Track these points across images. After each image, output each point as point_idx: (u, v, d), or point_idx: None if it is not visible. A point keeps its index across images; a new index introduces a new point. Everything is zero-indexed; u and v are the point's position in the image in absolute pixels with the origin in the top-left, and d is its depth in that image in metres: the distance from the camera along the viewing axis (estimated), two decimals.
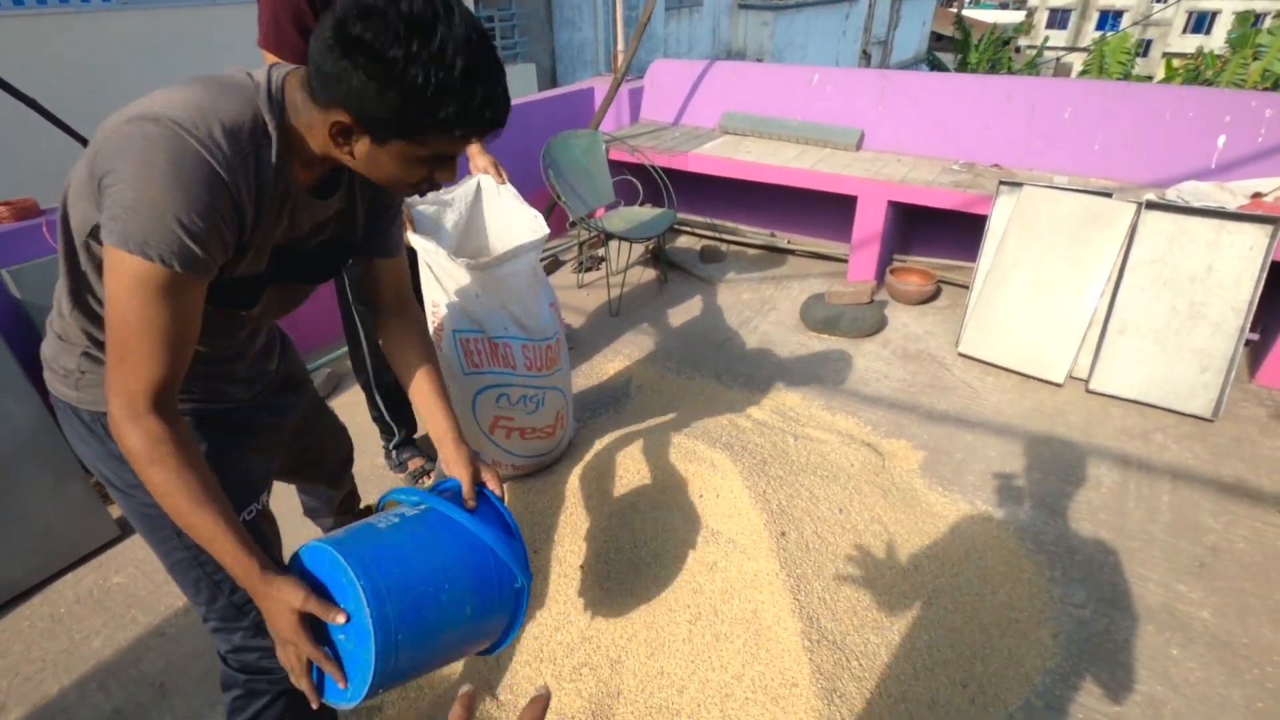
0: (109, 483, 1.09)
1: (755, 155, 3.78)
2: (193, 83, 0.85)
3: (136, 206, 0.77)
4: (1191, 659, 1.71)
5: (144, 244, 0.78)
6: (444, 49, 0.77)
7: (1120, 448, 2.45)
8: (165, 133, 0.79)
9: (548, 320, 1.98)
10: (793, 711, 1.49)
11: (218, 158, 0.81)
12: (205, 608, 1.13)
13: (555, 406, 2.10)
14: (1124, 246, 2.69)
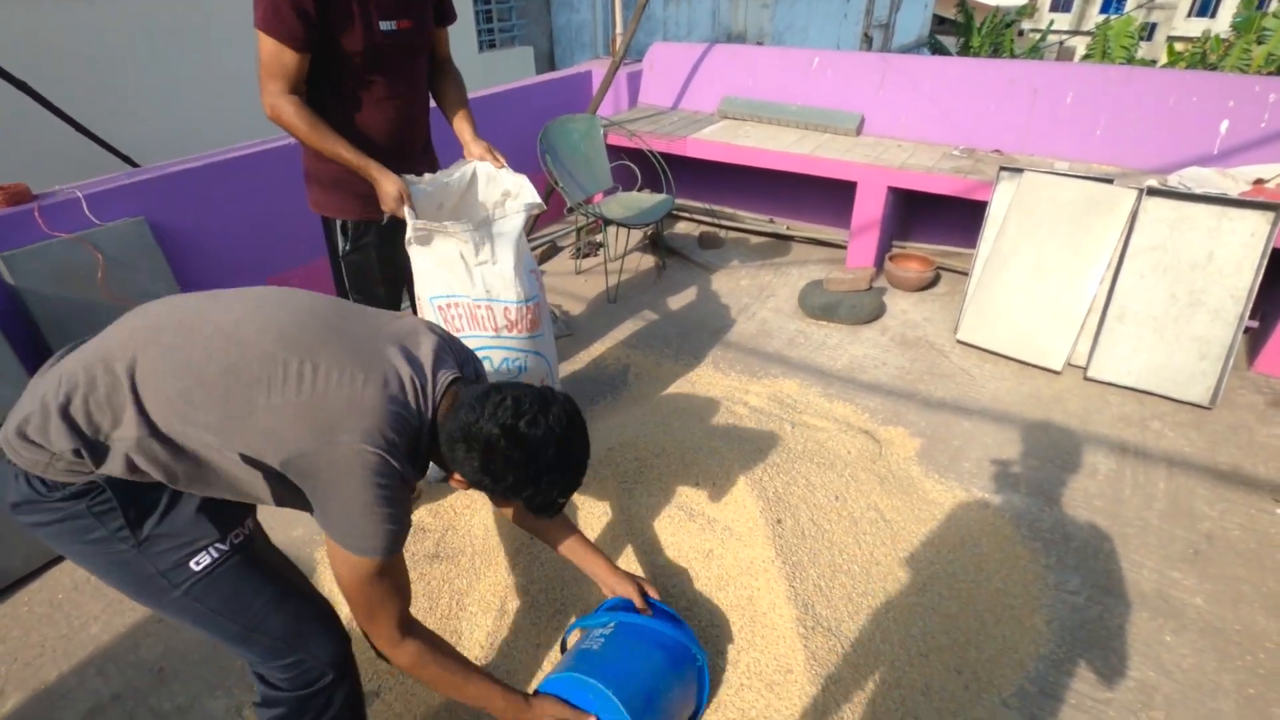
0: (64, 546, 1.04)
1: (754, 140, 3.75)
2: (385, 393, 1.04)
3: (365, 529, 1.01)
4: (1184, 645, 1.72)
5: (373, 549, 1.02)
6: (553, 485, 1.11)
7: (1117, 435, 2.45)
8: (381, 465, 1.00)
9: (528, 282, 1.98)
10: (787, 697, 1.49)
11: (410, 477, 1.06)
12: (224, 636, 1.13)
13: (539, 373, 2.09)
14: (1125, 233, 2.68)
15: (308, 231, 3.08)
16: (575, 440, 1.12)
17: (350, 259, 2.00)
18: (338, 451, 0.98)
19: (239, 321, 1.04)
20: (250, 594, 1.12)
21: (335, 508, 1.01)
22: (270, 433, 0.98)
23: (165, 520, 1.04)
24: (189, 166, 2.62)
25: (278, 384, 0.99)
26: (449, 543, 1.99)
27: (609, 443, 2.19)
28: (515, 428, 1.03)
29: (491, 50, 8.42)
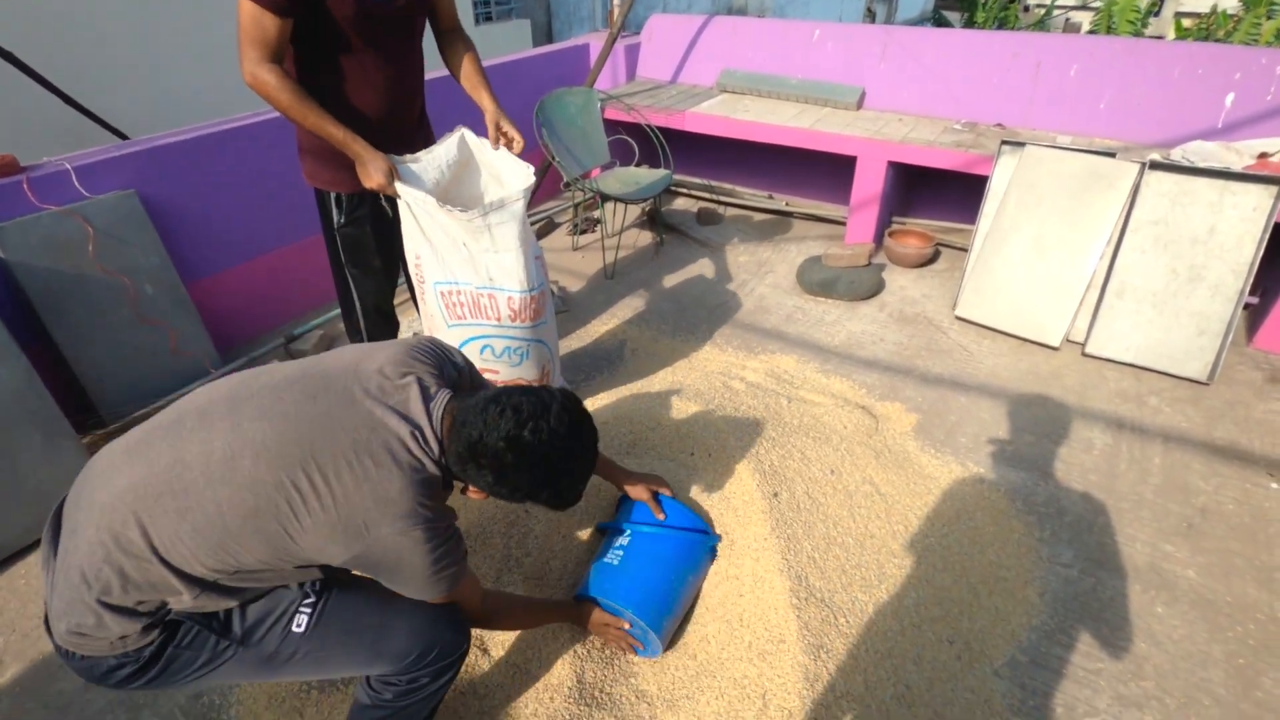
0: (180, 684, 1.11)
1: (754, 114, 3.70)
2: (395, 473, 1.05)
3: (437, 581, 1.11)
4: (1175, 616, 1.73)
5: (449, 588, 1.15)
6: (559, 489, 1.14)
7: (1114, 411, 2.45)
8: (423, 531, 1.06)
9: (533, 271, 1.95)
10: (779, 667, 1.51)
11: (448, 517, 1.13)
12: (356, 663, 1.20)
13: (540, 360, 2.08)
14: (1126, 208, 2.65)
15: (303, 205, 3.05)
16: (582, 435, 1.14)
17: (345, 232, 1.98)
18: (386, 543, 1.04)
19: (228, 459, 1.01)
20: (360, 617, 1.19)
21: (406, 580, 1.10)
22: (319, 550, 1.04)
23: (248, 611, 1.11)
24: (180, 139, 2.58)
25: (300, 509, 1.01)
26: None
27: (604, 417, 2.19)
28: (519, 438, 1.05)
29: (488, 23, 8.29)
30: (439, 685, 1.25)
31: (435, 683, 1.24)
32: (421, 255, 1.88)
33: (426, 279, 1.90)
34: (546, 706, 1.50)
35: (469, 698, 1.55)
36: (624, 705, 1.51)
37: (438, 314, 1.94)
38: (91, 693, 1.61)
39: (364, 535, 1.02)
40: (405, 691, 1.23)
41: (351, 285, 2.08)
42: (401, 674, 1.21)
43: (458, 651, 1.26)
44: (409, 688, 1.23)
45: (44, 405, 1.97)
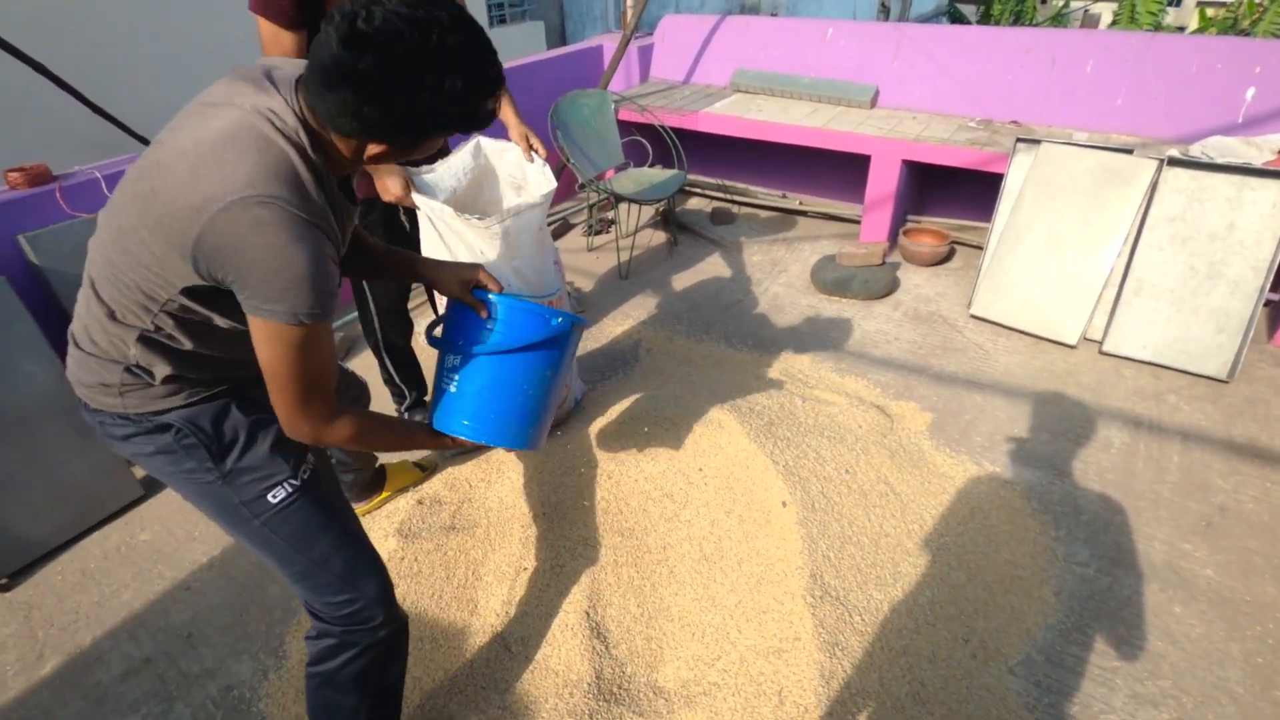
0: (165, 475, 1.14)
1: (767, 114, 3.71)
2: (239, 140, 0.91)
3: (285, 287, 0.92)
4: (1193, 615, 1.72)
5: (298, 315, 0.94)
6: (443, 80, 0.90)
7: (1131, 409, 2.44)
8: (275, 214, 0.89)
9: (551, 276, 1.98)
10: (795, 664, 1.53)
11: (317, 217, 0.94)
12: (290, 569, 1.20)
13: None
14: (1143, 204, 2.64)
15: None
16: (437, 13, 0.88)
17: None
18: (224, 219, 0.88)
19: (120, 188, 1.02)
20: (317, 532, 1.19)
21: (249, 276, 0.91)
22: (164, 256, 0.93)
23: (245, 456, 1.13)
24: None
25: (161, 184, 0.93)
26: (465, 515, 2.04)
27: (619, 417, 2.22)
28: (354, 33, 0.85)
29: (502, 25, 8.34)
30: (341, 662, 1.24)
31: (338, 657, 1.24)
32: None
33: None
34: (566, 702, 1.53)
35: (490, 693, 1.58)
36: (642, 701, 1.53)
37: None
38: (127, 684, 1.67)
39: (201, 215, 0.89)
40: (316, 657, 1.25)
41: (365, 288, 2.12)
42: (318, 615, 1.24)
43: (369, 624, 1.23)
44: (319, 649, 1.25)
45: (77, 406, 2.03)
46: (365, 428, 1.14)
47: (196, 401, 1.11)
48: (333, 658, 1.25)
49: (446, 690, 1.59)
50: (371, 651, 1.26)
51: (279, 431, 1.15)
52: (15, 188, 2.23)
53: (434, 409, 1.30)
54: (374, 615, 1.23)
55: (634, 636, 1.66)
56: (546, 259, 1.98)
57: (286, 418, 1.03)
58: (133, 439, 1.11)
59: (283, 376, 0.99)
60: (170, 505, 2.20)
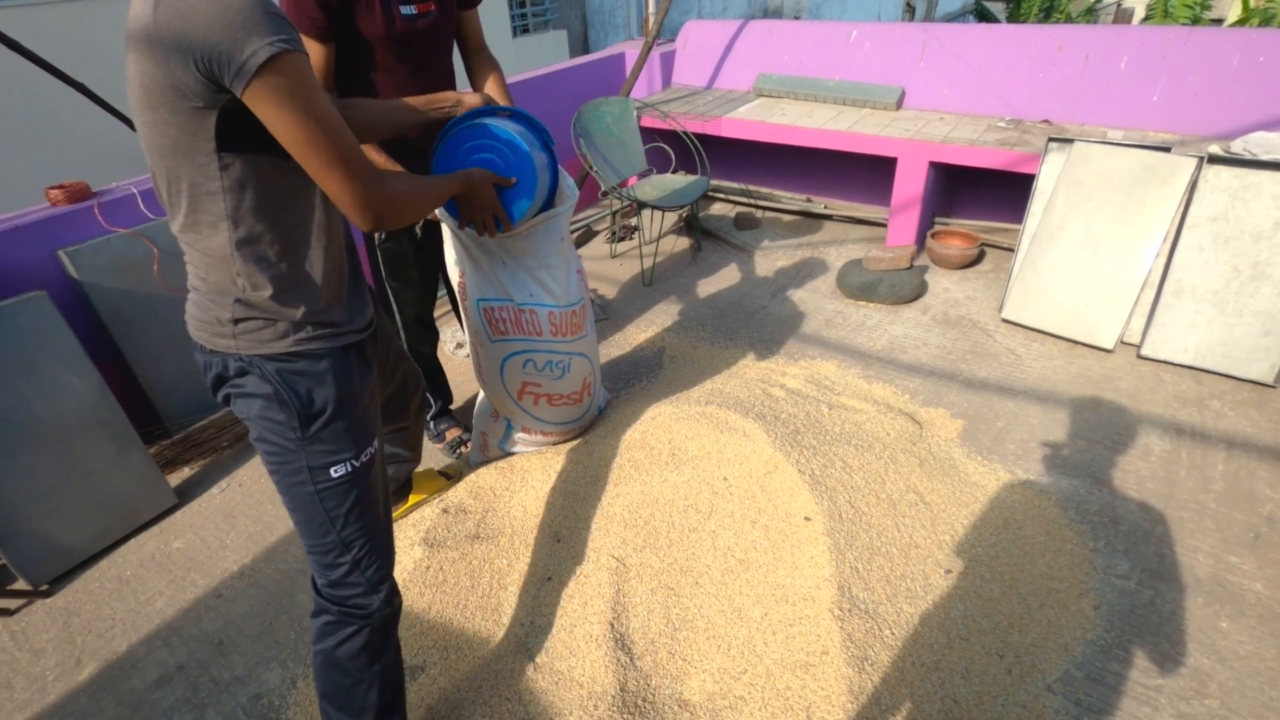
0: (253, 419, 1.18)
1: (791, 118, 3.68)
2: None
3: (241, 9, 0.87)
4: (1242, 631, 1.65)
5: (273, 43, 0.89)
6: None
7: (1172, 415, 2.36)
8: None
9: (574, 286, 1.99)
10: (823, 679, 1.50)
11: None
12: (316, 540, 1.24)
13: (582, 373, 2.11)
14: (1182, 204, 2.55)
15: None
16: None
17: (385, 247, 2.04)
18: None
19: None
20: (355, 513, 1.23)
21: (210, 27, 0.87)
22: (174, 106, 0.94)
23: (327, 429, 1.18)
24: None
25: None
26: (489, 524, 2.04)
27: (644, 426, 2.20)
28: None
29: (525, 35, 8.41)
30: (338, 640, 1.28)
31: (335, 635, 1.28)
32: (465, 272, 1.93)
33: (470, 295, 1.95)
34: (590, 714, 1.52)
35: (513, 704, 1.58)
36: (667, 715, 1.52)
37: (481, 330, 1.98)
38: (160, 691, 1.70)
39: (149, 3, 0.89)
40: (316, 634, 1.30)
41: (392, 297, 2.14)
42: (319, 592, 1.29)
43: (364, 610, 1.28)
44: (318, 626, 1.30)
45: (115, 417, 2.09)
46: (410, 182, 1.19)
47: (300, 353, 1.14)
48: (330, 635, 1.29)
49: (471, 700, 1.59)
50: (366, 632, 1.30)
51: (358, 412, 1.22)
52: (56, 204, 2.30)
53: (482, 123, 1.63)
54: (370, 604, 1.29)
55: (659, 649, 1.64)
56: (570, 268, 1.98)
57: (349, 193, 1.01)
58: (237, 380, 1.15)
59: (317, 144, 0.96)
60: (203, 514, 2.24)
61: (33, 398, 1.91)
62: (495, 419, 2.21)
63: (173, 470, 2.41)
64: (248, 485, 2.35)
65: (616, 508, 1.96)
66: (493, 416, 2.22)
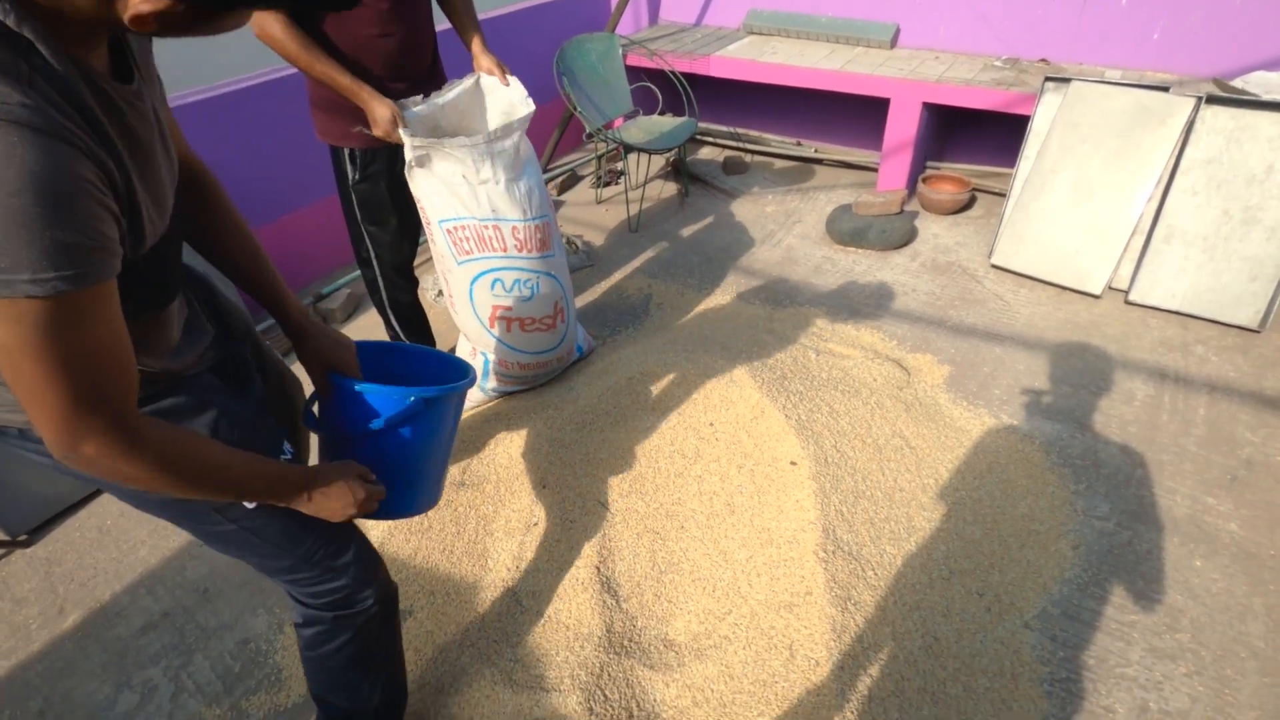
0: (118, 493, 0.97)
1: (782, 57, 3.55)
2: None
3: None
4: (1215, 570, 1.69)
5: (16, 282, 0.59)
6: None
7: (1157, 360, 2.37)
8: None
9: (535, 201, 1.97)
10: (807, 619, 1.52)
11: (38, 118, 0.58)
12: (274, 566, 1.09)
13: (552, 296, 2.08)
14: (1178, 146, 2.51)
15: (321, 166, 3.05)
16: None
17: (360, 189, 1.96)
18: None
19: None
20: (301, 527, 1.05)
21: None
22: None
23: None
24: (192, 99, 2.57)
25: None
26: (474, 471, 2.03)
27: (630, 372, 2.18)
28: None
29: None
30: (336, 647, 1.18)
31: (332, 642, 1.17)
32: (426, 196, 1.88)
33: (432, 219, 1.92)
34: (577, 655, 1.54)
35: (501, 645, 1.59)
36: (653, 654, 1.54)
37: (447, 253, 1.96)
38: (147, 638, 1.70)
39: None
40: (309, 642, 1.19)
41: (369, 243, 2.07)
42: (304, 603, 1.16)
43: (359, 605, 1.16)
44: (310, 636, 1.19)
45: None
46: (191, 452, 0.80)
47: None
48: (326, 643, 1.19)
49: (458, 643, 1.60)
50: (365, 632, 1.20)
51: (235, 437, 0.98)
52: None
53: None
54: (363, 597, 1.17)
55: (644, 591, 1.65)
56: (531, 183, 1.96)
57: (51, 438, 0.70)
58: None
59: (27, 378, 0.65)
60: None
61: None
62: (473, 356, 2.18)
63: None
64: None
65: (603, 454, 1.95)
66: (471, 354, 2.19)
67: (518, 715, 1.45)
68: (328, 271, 3.19)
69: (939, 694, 1.42)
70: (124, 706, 1.56)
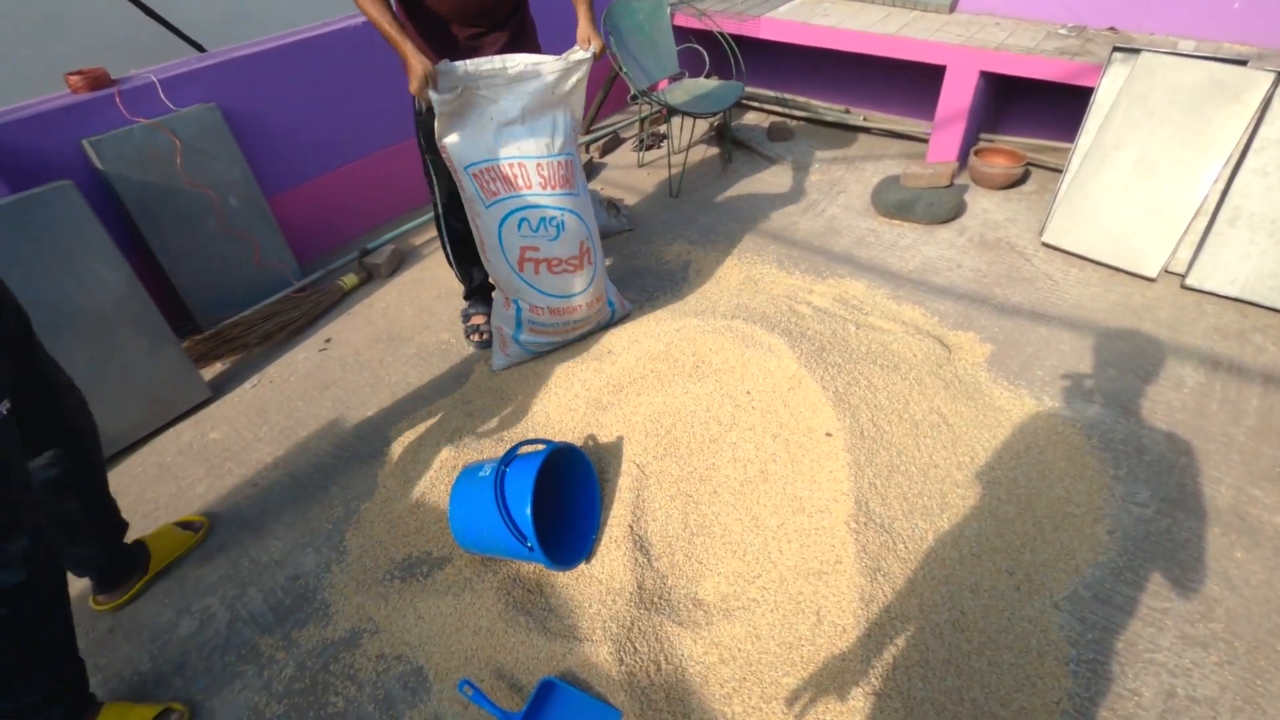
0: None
1: (834, 19, 3.45)
2: None
3: None
4: (1255, 562, 1.67)
5: None
6: None
7: (1210, 348, 2.30)
8: None
9: (561, 139, 2.01)
10: (836, 586, 1.54)
11: None
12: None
13: (578, 235, 2.11)
14: (1252, 124, 2.39)
15: (373, 118, 3.08)
16: None
17: (423, 120, 2.01)
18: None
19: None
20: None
21: None
22: None
23: None
24: (257, 50, 2.61)
25: None
26: (512, 427, 2.08)
27: (667, 337, 2.20)
28: None
29: None
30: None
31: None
32: (452, 145, 1.92)
33: (458, 166, 1.95)
34: (609, 608, 1.59)
35: (535, 595, 1.66)
36: (681, 611, 1.58)
37: (475, 197, 2.00)
38: (204, 569, 1.80)
39: None
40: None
41: (430, 170, 2.15)
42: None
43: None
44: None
45: (147, 310, 2.11)
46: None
47: None
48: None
49: (494, 590, 1.67)
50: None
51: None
52: (76, 91, 2.25)
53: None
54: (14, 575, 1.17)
55: (676, 551, 1.70)
56: (557, 122, 2.00)
57: None
58: None
59: None
60: (236, 407, 2.31)
61: (71, 288, 1.93)
62: (506, 307, 2.21)
63: (205, 365, 2.46)
64: (278, 382, 2.41)
65: (639, 416, 1.98)
66: (504, 306, 2.22)
67: (551, 660, 1.52)
68: (374, 226, 3.24)
69: (963, 666, 1.44)
70: (185, 630, 1.67)
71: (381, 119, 3.06)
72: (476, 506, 1.61)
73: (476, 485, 1.64)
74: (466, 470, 1.73)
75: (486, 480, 1.62)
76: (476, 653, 1.56)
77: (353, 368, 2.45)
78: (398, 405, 2.27)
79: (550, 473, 1.77)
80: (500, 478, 1.59)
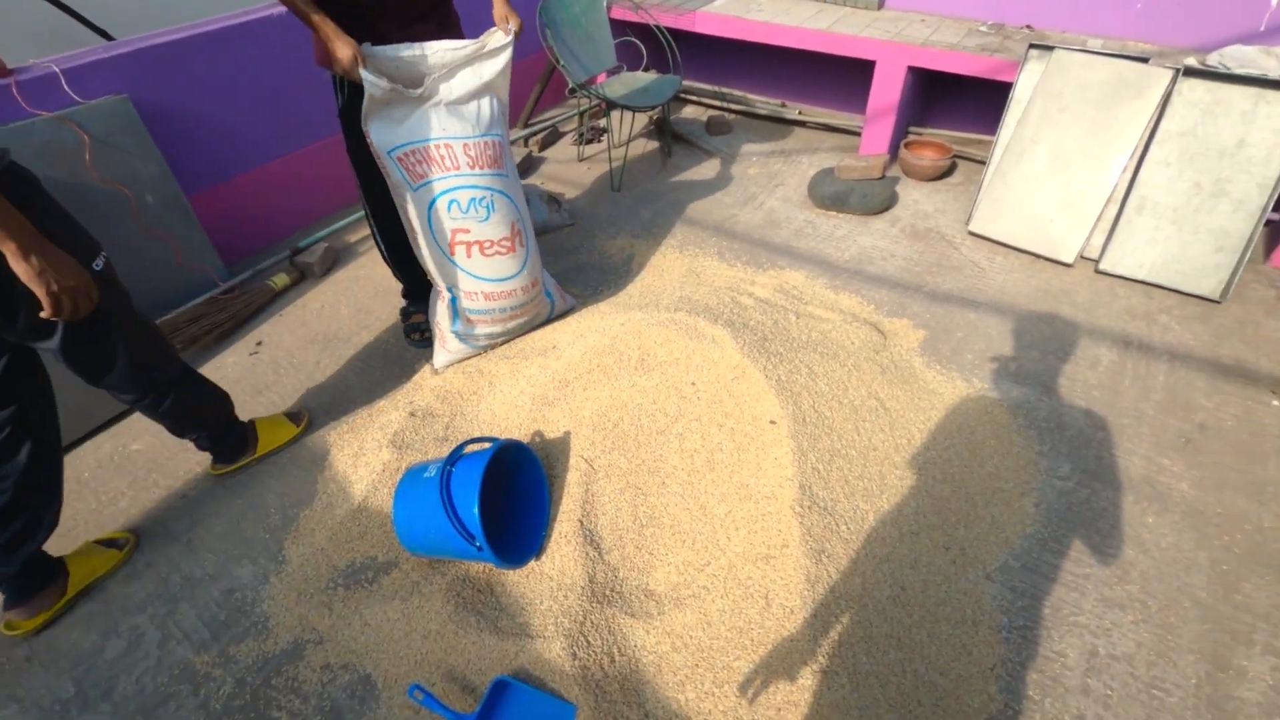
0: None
1: (768, 14, 3.50)
2: None
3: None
4: (1165, 526, 1.79)
5: None
6: None
7: (1122, 328, 2.45)
8: None
9: (487, 119, 1.98)
10: (783, 569, 1.58)
11: None
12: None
13: (508, 216, 2.09)
14: (1154, 118, 2.55)
15: (314, 109, 2.96)
16: None
17: (347, 116, 1.94)
18: None
19: None
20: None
21: None
22: None
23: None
24: (172, 38, 2.47)
25: None
26: (457, 427, 2.05)
27: (612, 331, 2.20)
28: None
29: None
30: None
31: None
32: (375, 132, 1.88)
33: (381, 150, 1.91)
34: (560, 604, 1.59)
35: (486, 595, 1.64)
36: (633, 603, 1.59)
37: (402, 182, 1.96)
38: (131, 587, 1.71)
39: None
40: None
41: (353, 161, 2.08)
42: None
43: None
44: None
45: None
46: None
47: None
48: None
49: (443, 592, 1.64)
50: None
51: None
52: None
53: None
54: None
55: (626, 544, 1.71)
56: (484, 102, 1.98)
57: None
58: None
59: None
60: None
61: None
62: (441, 299, 2.18)
63: None
64: None
65: (586, 411, 1.98)
66: (440, 298, 2.18)
67: (503, 660, 1.51)
68: (306, 225, 3.13)
69: (904, 640, 1.50)
70: (112, 653, 1.58)
71: (312, 112, 2.95)
72: (422, 508, 1.58)
73: (421, 486, 1.61)
74: (411, 471, 1.69)
75: (432, 481, 1.59)
76: (426, 656, 1.53)
77: (287, 371, 2.36)
78: (337, 408, 2.20)
79: (498, 471, 1.75)
80: (446, 477, 1.56)
